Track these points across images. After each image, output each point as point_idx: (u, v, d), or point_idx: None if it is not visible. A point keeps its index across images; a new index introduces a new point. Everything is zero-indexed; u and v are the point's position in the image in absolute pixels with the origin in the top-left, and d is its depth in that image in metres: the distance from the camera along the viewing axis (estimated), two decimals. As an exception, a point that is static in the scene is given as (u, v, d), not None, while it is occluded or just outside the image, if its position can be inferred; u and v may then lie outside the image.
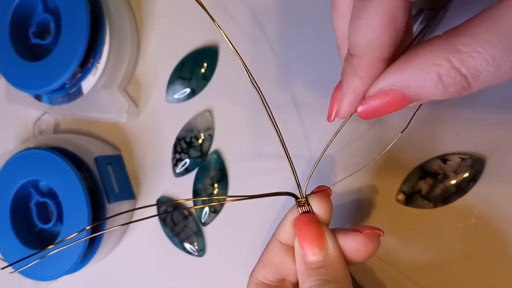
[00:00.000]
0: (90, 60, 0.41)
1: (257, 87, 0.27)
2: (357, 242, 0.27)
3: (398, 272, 0.34)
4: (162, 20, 0.43)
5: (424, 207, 0.34)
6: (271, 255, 0.29)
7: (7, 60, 0.43)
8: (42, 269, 0.41)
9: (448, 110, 0.33)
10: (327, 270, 0.26)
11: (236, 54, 0.26)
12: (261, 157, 0.39)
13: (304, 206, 0.28)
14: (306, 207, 0.28)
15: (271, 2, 0.39)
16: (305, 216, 0.28)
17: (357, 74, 0.24)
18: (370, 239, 0.27)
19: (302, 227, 0.27)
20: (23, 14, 0.44)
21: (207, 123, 0.41)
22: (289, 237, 0.28)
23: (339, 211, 0.36)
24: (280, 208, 0.38)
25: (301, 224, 0.27)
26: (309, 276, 0.26)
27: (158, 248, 0.43)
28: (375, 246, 0.27)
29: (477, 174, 0.32)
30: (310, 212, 0.28)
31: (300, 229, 0.27)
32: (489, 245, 0.32)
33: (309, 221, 0.27)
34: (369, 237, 0.27)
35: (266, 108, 0.27)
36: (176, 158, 0.42)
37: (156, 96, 0.43)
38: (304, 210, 0.28)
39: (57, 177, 0.41)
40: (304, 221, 0.27)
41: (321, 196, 0.28)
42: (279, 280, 0.29)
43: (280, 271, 0.28)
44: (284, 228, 0.29)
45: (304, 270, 0.27)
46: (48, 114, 0.47)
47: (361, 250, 0.27)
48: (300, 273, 0.27)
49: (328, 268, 0.26)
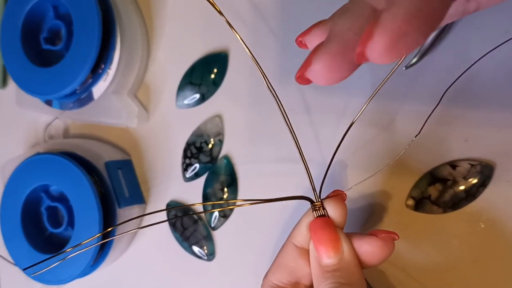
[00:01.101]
0: (101, 66, 0.42)
1: (273, 90, 0.27)
2: (372, 246, 0.27)
3: (408, 275, 0.35)
4: (172, 26, 0.44)
5: (434, 213, 0.34)
6: (286, 258, 0.29)
7: (18, 66, 0.43)
8: (53, 273, 0.41)
9: (458, 116, 0.33)
10: (342, 273, 0.26)
11: (252, 58, 0.27)
12: (271, 162, 0.39)
13: (319, 210, 0.28)
14: (321, 211, 0.28)
15: (281, 6, 0.39)
16: (321, 219, 0.28)
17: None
18: (385, 243, 0.27)
19: (318, 230, 0.27)
20: (35, 20, 0.44)
21: (217, 129, 0.41)
22: (304, 241, 0.29)
23: (348, 215, 0.36)
24: (290, 213, 0.39)
25: (317, 227, 0.28)
26: (324, 279, 0.27)
27: (168, 252, 0.43)
28: (390, 250, 0.27)
29: (486, 180, 0.32)
30: (325, 216, 0.28)
31: (316, 232, 0.27)
32: (498, 250, 0.32)
33: (324, 224, 0.28)
34: (385, 241, 0.27)
35: (282, 111, 0.28)
36: (186, 163, 0.42)
37: (166, 102, 0.44)
38: (319, 214, 0.28)
39: (68, 182, 0.41)
40: (319, 225, 0.28)
41: (336, 200, 0.28)
42: (293, 284, 0.29)
43: (294, 274, 0.29)
44: (299, 232, 0.29)
45: (319, 273, 0.27)
46: (59, 119, 0.48)
47: (376, 253, 0.27)
48: (315, 276, 0.28)
49: (343, 271, 0.27)
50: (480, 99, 0.33)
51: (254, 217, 0.40)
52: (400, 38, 0.18)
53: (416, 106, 0.34)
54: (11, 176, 0.43)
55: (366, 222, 0.36)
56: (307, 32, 0.26)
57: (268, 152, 0.40)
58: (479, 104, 0.33)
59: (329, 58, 0.21)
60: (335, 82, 0.22)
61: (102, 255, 0.42)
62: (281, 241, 0.39)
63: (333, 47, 0.21)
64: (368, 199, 0.36)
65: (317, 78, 0.22)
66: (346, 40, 0.21)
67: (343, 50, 0.21)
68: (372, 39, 0.19)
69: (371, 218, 0.36)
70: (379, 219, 0.36)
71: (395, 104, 0.35)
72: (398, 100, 0.34)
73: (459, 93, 0.33)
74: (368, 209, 0.36)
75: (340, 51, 0.21)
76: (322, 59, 0.21)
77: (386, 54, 0.19)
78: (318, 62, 0.21)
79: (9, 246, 0.43)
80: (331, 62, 0.21)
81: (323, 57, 0.21)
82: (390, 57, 0.19)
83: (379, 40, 0.18)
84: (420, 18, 0.18)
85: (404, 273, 0.35)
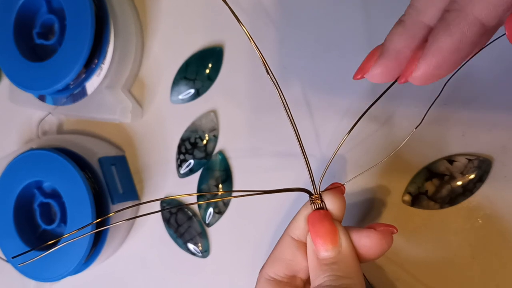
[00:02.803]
0: (95, 61, 0.41)
1: (275, 80, 0.27)
2: (371, 239, 0.27)
3: (405, 271, 0.34)
4: (166, 20, 0.43)
5: (430, 208, 0.34)
6: (283, 251, 0.29)
7: (11, 61, 0.43)
8: (46, 270, 0.41)
9: (455, 111, 0.33)
10: (340, 266, 0.26)
11: (256, 49, 0.26)
12: (266, 158, 0.39)
13: (317, 203, 0.28)
14: (320, 203, 0.28)
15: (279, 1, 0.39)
16: (319, 212, 0.28)
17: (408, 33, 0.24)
18: (384, 236, 0.27)
19: (316, 223, 0.27)
20: (27, 15, 0.44)
21: (212, 124, 0.41)
22: (301, 233, 0.28)
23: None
24: (285, 210, 0.38)
25: (315, 220, 0.27)
26: (322, 272, 0.26)
27: (162, 249, 0.43)
28: (389, 244, 0.27)
29: (484, 175, 0.32)
30: (323, 208, 0.28)
31: (314, 225, 0.27)
32: (496, 246, 0.32)
33: (322, 217, 0.27)
34: (383, 234, 0.27)
35: (283, 101, 0.27)
36: (180, 159, 0.42)
37: (161, 97, 0.43)
38: (317, 206, 0.28)
39: (61, 178, 0.40)
40: (317, 218, 0.27)
41: (335, 193, 0.28)
42: (289, 277, 0.29)
43: (291, 267, 0.28)
44: (297, 225, 0.29)
45: (316, 266, 0.27)
46: (52, 114, 0.47)
47: (374, 247, 0.27)
48: (313, 269, 0.27)
49: (341, 264, 0.26)
50: (478, 94, 0.32)
51: (249, 213, 0.40)
52: (439, 69, 0.22)
53: (414, 101, 0.34)
54: (3, 172, 0.43)
55: (362, 217, 0.36)
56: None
57: (263, 148, 0.39)
58: (476, 99, 0.32)
59: (385, 71, 0.24)
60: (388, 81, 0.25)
61: (95, 252, 0.41)
62: (276, 238, 0.38)
63: (388, 62, 0.24)
64: (365, 194, 0.36)
65: (374, 80, 0.25)
66: (400, 57, 0.24)
67: (397, 65, 0.24)
68: (415, 69, 0.23)
69: (367, 214, 0.36)
70: (376, 214, 0.35)
71: (393, 100, 0.34)
72: (397, 96, 0.34)
73: (457, 88, 0.33)
74: (365, 205, 0.36)
75: (394, 65, 0.24)
76: (379, 69, 0.24)
77: (423, 82, 0.23)
78: (375, 69, 0.25)
79: (2, 243, 0.43)
80: (386, 73, 0.24)
81: (379, 69, 0.24)
82: (426, 83, 0.23)
83: (421, 68, 0.23)
84: (459, 52, 0.22)
85: (401, 269, 0.34)
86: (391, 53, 0.24)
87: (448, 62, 0.22)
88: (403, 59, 0.24)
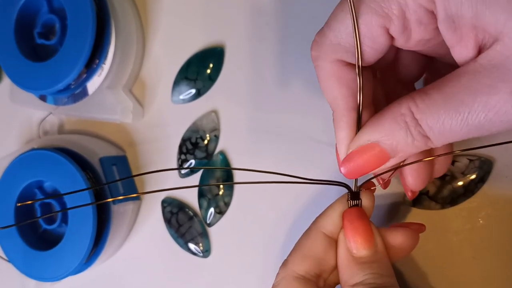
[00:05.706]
0: (96, 61, 0.41)
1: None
2: (407, 237, 0.27)
3: (406, 271, 0.34)
4: (167, 20, 0.43)
5: (432, 208, 0.34)
6: (315, 248, 0.28)
7: (11, 61, 0.43)
8: (47, 270, 0.41)
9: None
10: (380, 264, 0.26)
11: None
12: (267, 158, 0.39)
13: (354, 200, 0.27)
14: (356, 201, 0.27)
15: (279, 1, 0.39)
16: (357, 209, 0.27)
17: (338, 126, 0.26)
18: (417, 235, 0.27)
19: (355, 220, 0.27)
20: (28, 15, 0.43)
21: (213, 124, 0.41)
22: (335, 230, 0.28)
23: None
24: (286, 211, 0.38)
25: (353, 217, 0.27)
26: (361, 270, 0.26)
27: (163, 249, 0.43)
28: (417, 242, 0.27)
29: (485, 175, 0.32)
30: (359, 206, 0.27)
31: (352, 222, 0.27)
32: (497, 247, 0.32)
33: (361, 215, 0.27)
34: (417, 233, 0.27)
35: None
36: (181, 159, 0.42)
37: (162, 97, 0.43)
38: (354, 203, 0.27)
39: (62, 178, 0.40)
40: (356, 215, 0.27)
41: (372, 192, 0.28)
42: (317, 276, 0.28)
43: (321, 266, 0.27)
44: (331, 221, 0.28)
45: (351, 265, 0.26)
46: (53, 114, 0.47)
47: (408, 245, 0.27)
48: (346, 267, 0.27)
49: (381, 263, 0.26)
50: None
51: (250, 213, 0.40)
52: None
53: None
54: (4, 172, 0.43)
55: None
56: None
57: (265, 148, 0.39)
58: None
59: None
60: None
61: (96, 252, 0.41)
62: (276, 237, 0.38)
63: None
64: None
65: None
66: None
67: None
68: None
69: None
70: (377, 214, 0.35)
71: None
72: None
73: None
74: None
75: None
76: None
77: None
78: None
79: (3, 242, 0.43)
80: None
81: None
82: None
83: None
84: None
85: (401, 269, 0.34)
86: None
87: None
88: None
